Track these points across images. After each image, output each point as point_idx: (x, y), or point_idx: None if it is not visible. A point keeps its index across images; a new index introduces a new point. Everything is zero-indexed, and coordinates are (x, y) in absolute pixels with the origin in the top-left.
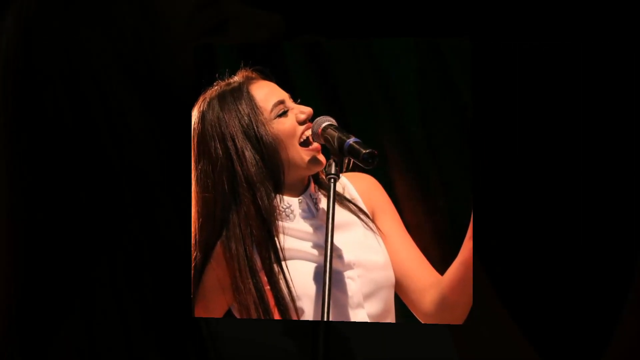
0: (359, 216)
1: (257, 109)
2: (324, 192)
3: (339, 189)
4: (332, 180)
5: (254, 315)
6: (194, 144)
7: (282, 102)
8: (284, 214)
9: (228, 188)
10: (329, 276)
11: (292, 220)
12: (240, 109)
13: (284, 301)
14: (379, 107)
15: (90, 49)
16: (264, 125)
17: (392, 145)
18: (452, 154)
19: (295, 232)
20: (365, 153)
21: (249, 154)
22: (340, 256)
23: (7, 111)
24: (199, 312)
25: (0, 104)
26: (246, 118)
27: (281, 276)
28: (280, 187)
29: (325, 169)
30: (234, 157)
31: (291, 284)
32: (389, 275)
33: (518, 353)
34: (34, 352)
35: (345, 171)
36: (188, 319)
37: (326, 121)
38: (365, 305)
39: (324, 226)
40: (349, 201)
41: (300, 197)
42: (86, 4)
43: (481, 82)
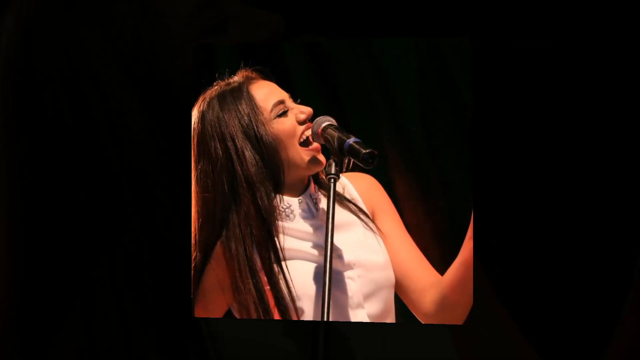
0: (359, 216)
1: (257, 108)
2: (324, 192)
3: (339, 189)
4: (332, 180)
5: (253, 315)
6: (193, 144)
7: (282, 102)
8: (284, 214)
9: (228, 188)
10: (329, 276)
11: (292, 220)
12: (240, 108)
13: (284, 301)
14: (379, 107)
15: (90, 49)
16: (264, 125)
17: (392, 145)
18: (452, 154)
19: (295, 232)
20: (365, 153)
21: (248, 154)
22: (340, 256)
23: (7, 111)
24: (198, 312)
25: (0, 104)
26: (246, 118)
27: (281, 276)
28: (280, 187)
29: (325, 169)
30: (234, 157)
31: (291, 284)
32: (389, 276)
33: (518, 353)
34: (34, 352)
35: (345, 171)
36: (188, 319)
37: (326, 121)
38: (365, 305)
39: (324, 226)
40: (349, 201)
41: (300, 197)
42: (86, 4)
43: (481, 82)
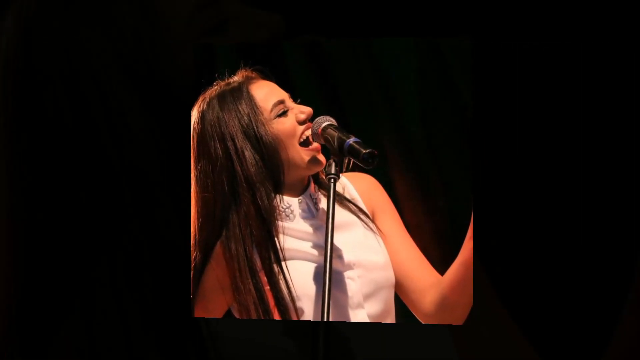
0: (359, 216)
1: (257, 108)
2: (324, 192)
3: (339, 189)
4: (332, 180)
5: (253, 315)
6: (193, 144)
7: (282, 102)
8: (283, 214)
9: (228, 188)
10: (329, 276)
11: (292, 220)
12: (240, 108)
13: (284, 301)
14: (379, 107)
15: (90, 49)
16: (264, 125)
17: (392, 145)
18: (452, 154)
19: (295, 232)
20: (365, 153)
21: (248, 154)
22: (340, 256)
23: (7, 111)
24: (198, 312)
25: (0, 104)
26: (246, 118)
27: (281, 276)
28: (280, 187)
29: (325, 169)
30: (234, 157)
31: (291, 284)
32: (389, 276)
33: (518, 353)
34: (34, 352)
35: (345, 171)
36: (188, 319)
37: (326, 121)
38: (365, 305)
39: (324, 226)
40: (349, 201)
41: (300, 197)
42: (86, 4)
43: (481, 82)
